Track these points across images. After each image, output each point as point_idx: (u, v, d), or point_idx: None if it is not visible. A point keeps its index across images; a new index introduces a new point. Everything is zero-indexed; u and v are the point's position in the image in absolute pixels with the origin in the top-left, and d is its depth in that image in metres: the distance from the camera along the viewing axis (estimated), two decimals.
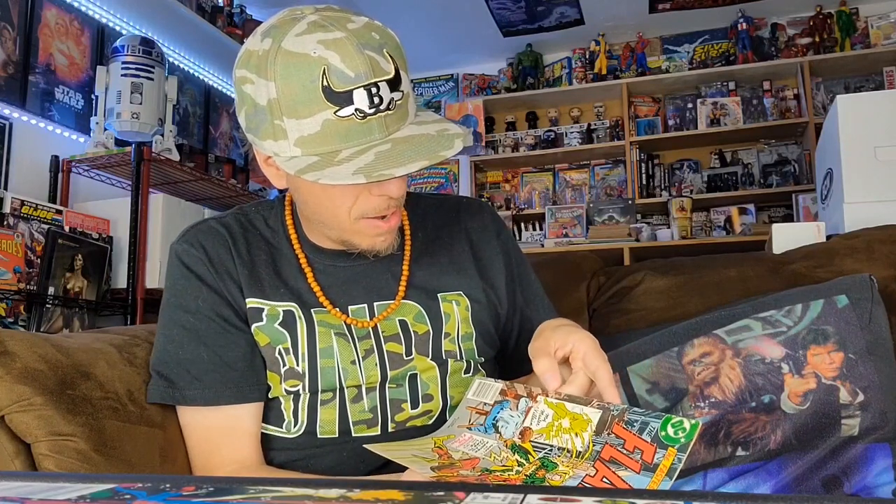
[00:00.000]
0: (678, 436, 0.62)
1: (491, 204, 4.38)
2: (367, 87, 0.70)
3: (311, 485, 0.37)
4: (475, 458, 0.66)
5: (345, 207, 0.78)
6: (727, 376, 0.89)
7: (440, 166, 4.63)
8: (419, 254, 0.92)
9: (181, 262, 0.86)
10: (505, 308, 0.94)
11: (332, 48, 0.70)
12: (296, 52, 0.71)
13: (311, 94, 0.70)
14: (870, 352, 0.87)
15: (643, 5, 4.01)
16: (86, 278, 2.43)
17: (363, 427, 0.85)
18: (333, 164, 0.70)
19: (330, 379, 0.84)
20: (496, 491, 0.35)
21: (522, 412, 0.72)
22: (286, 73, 0.71)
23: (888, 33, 3.89)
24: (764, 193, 3.93)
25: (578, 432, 0.66)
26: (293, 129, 0.72)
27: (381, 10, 3.92)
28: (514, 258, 0.97)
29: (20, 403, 0.73)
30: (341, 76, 0.70)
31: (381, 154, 0.70)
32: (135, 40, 2.64)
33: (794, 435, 0.85)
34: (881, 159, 1.59)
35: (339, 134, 0.71)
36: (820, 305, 0.90)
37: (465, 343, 0.90)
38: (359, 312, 0.87)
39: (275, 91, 0.71)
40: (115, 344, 0.90)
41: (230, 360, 0.84)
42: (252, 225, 0.91)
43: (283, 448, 0.87)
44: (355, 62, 0.70)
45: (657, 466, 0.60)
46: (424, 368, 0.87)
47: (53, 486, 0.37)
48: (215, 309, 0.84)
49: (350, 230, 0.80)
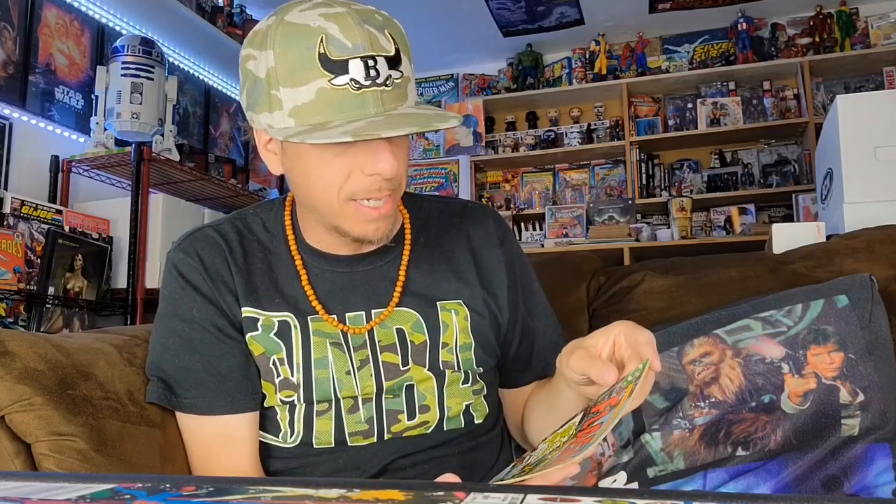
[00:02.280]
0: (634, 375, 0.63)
1: (491, 205, 4.41)
2: (363, 59, 0.71)
3: (311, 485, 0.37)
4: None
5: (335, 186, 0.76)
6: (727, 376, 0.89)
7: (440, 166, 4.63)
8: (419, 259, 0.89)
9: (177, 271, 0.85)
10: (506, 318, 0.92)
11: (332, 20, 0.72)
12: (297, 23, 0.72)
13: (308, 61, 0.71)
14: (870, 352, 0.87)
15: (643, 5, 4.01)
16: (86, 278, 2.43)
17: (359, 437, 0.85)
18: (324, 130, 0.70)
19: (325, 390, 0.84)
20: (496, 491, 0.35)
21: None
22: (285, 41, 0.72)
23: (888, 33, 3.89)
24: (764, 193, 3.93)
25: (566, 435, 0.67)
26: (288, 98, 0.72)
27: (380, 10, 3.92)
28: (517, 267, 0.94)
29: (20, 403, 0.73)
30: (339, 45, 0.71)
31: (372, 122, 0.70)
32: (135, 40, 2.64)
33: (795, 435, 0.85)
34: (881, 159, 1.59)
35: (332, 104, 0.71)
36: (820, 305, 0.90)
37: (464, 353, 0.88)
38: (357, 319, 0.85)
39: (273, 59, 0.72)
40: (114, 344, 0.90)
41: (225, 370, 0.84)
42: (249, 230, 0.89)
43: (280, 457, 0.87)
44: (354, 33, 0.71)
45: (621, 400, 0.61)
46: (421, 379, 0.86)
47: (53, 486, 0.37)
48: (210, 319, 0.84)
49: (340, 213, 0.78)
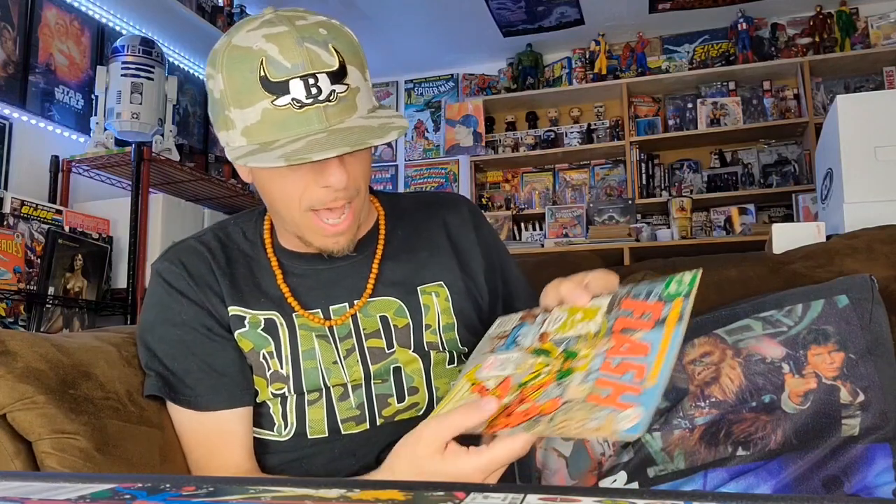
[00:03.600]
0: (680, 288, 0.64)
1: (492, 205, 4.41)
2: (303, 78, 0.73)
3: (311, 485, 0.37)
4: (507, 378, 0.67)
5: (294, 198, 0.80)
6: (727, 376, 0.89)
7: (440, 166, 4.63)
8: (397, 250, 0.93)
9: (163, 279, 0.88)
10: (486, 299, 0.96)
11: (272, 41, 0.74)
12: (241, 46, 0.76)
13: (252, 84, 0.74)
14: (870, 352, 0.87)
15: (643, 5, 4.01)
16: (86, 278, 2.43)
17: (352, 424, 0.87)
18: (267, 151, 0.73)
19: (314, 380, 0.86)
20: (496, 491, 0.35)
21: (539, 323, 0.74)
22: (230, 64, 0.76)
23: (888, 33, 3.89)
24: (764, 193, 3.93)
25: (591, 318, 0.68)
26: (238, 119, 0.76)
27: (381, 11, 3.92)
28: (493, 250, 0.99)
29: (23, 402, 0.73)
30: (278, 66, 0.73)
31: (311, 142, 0.72)
32: (135, 40, 2.64)
33: (795, 435, 0.85)
34: (881, 159, 1.59)
35: (276, 124, 0.74)
36: (820, 305, 0.90)
37: (447, 333, 0.91)
38: (340, 311, 0.89)
39: (223, 83, 0.76)
40: (113, 343, 0.90)
41: (219, 366, 0.86)
42: (230, 239, 0.93)
43: (276, 451, 0.88)
44: (293, 53, 0.74)
45: (666, 318, 0.62)
46: (407, 361, 0.88)
47: (53, 486, 0.37)
48: (199, 320, 0.86)
49: (301, 224, 0.82)
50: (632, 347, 0.61)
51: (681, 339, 0.60)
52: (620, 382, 0.58)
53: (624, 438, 0.54)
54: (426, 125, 4.75)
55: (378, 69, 4.69)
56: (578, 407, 0.59)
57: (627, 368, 0.59)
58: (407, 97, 4.82)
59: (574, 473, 0.95)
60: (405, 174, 4.72)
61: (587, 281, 0.73)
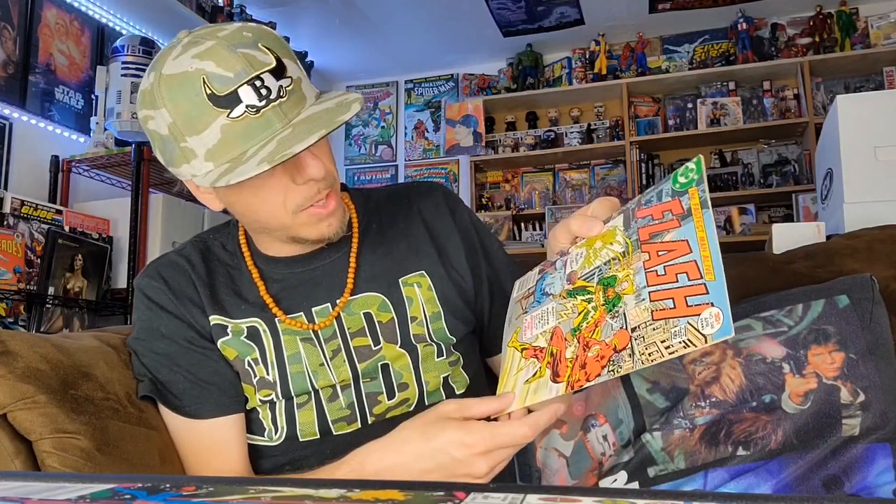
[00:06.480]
0: (690, 177, 0.61)
1: (492, 205, 4.41)
2: (250, 83, 0.72)
3: (311, 485, 0.37)
4: (556, 329, 0.65)
5: (279, 205, 0.79)
6: (728, 376, 0.89)
7: (440, 166, 4.63)
8: (374, 244, 0.93)
9: (144, 295, 0.89)
10: (469, 282, 0.94)
11: (205, 58, 0.73)
12: (175, 73, 0.74)
13: (201, 105, 0.72)
14: (870, 352, 0.87)
15: (643, 5, 4.00)
16: (86, 278, 2.43)
17: (343, 424, 0.87)
18: (241, 164, 0.72)
19: (301, 383, 0.86)
20: (496, 491, 0.35)
21: (561, 267, 0.71)
22: (172, 94, 0.73)
23: (888, 33, 3.89)
24: (764, 193, 3.93)
25: (612, 241, 0.65)
26: (198, 145, 0.74)
27: (381, 11, 3.92)
28: (472, 232, 0.97)
29: (24, 401, 0.73)
30: (221, 79, 0.72)
31: (282, 140, 0.72)
32: (135, 40, 2.64)
33: (795, 435, 0.85)
34: (881, 159, 1.58)
35: (239, 135, 0.73)
36: (821, 305, 0.90)
37: (434, 323, 0.90)
38: (323, 312, 0.88)
39: (169, 116, 0.74)
40: (113, 345, 0.91)
41: (204, 376, 0.86)
42: (210, 251, 0.93)
43: (269, 455, 0.89)
44: (230, 62, 0.72)
45: (689, 209, 0.59)
46: (394, 357, 0.88)
47: (53, 486, 0.37)
48: (180, 333, 0.87)
49: (294, 226, 0.82)
50: (668, 250, 0.58)
51: (713, 223, 0.56)
52: (678, 288, 0.55)
53: (718, 340, 0.51)
54: (426, 125, 4.75)
55: (378, 69, 4.69)
56: (651, 329, 0.55)
57: (677, 271, 0.56)
58: (407, 97, 4.82)
59: (574, 473, 0.95)
60: (405, 174, 4.72)
61: (591, 210, 0.71)
